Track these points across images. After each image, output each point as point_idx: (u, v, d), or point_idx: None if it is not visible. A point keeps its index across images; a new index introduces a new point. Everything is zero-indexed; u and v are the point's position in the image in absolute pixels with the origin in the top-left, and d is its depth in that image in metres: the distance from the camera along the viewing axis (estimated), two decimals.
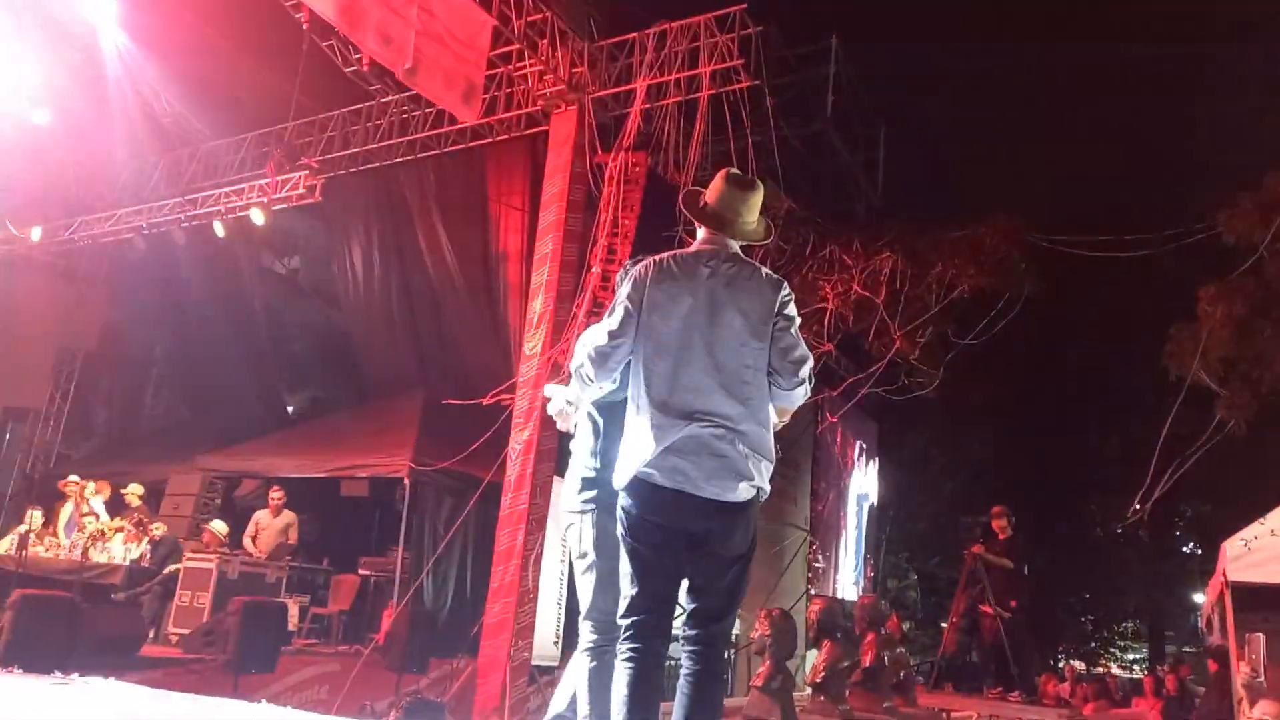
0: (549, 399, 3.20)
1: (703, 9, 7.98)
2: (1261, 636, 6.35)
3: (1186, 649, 20.19)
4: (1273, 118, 9.60)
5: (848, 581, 16.12)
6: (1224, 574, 6.89)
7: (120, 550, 8.85)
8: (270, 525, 9.27)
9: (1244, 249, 9.49)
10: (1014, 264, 9.67)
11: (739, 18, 7.76)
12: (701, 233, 2.88)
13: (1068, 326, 17.40)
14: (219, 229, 10.80)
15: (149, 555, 8.87)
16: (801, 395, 2.72)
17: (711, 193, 2.87)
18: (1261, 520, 7.08)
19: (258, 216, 10.25)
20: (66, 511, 9.54)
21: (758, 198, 2.87)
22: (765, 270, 2.80)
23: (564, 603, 9.22)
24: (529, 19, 8.09)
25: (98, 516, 9.41)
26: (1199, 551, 19.69)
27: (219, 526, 9.04)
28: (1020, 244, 9.60)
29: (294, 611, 8.82)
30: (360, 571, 9.62)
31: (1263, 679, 6.10)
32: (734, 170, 2.92)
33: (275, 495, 9.39)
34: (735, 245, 2.83)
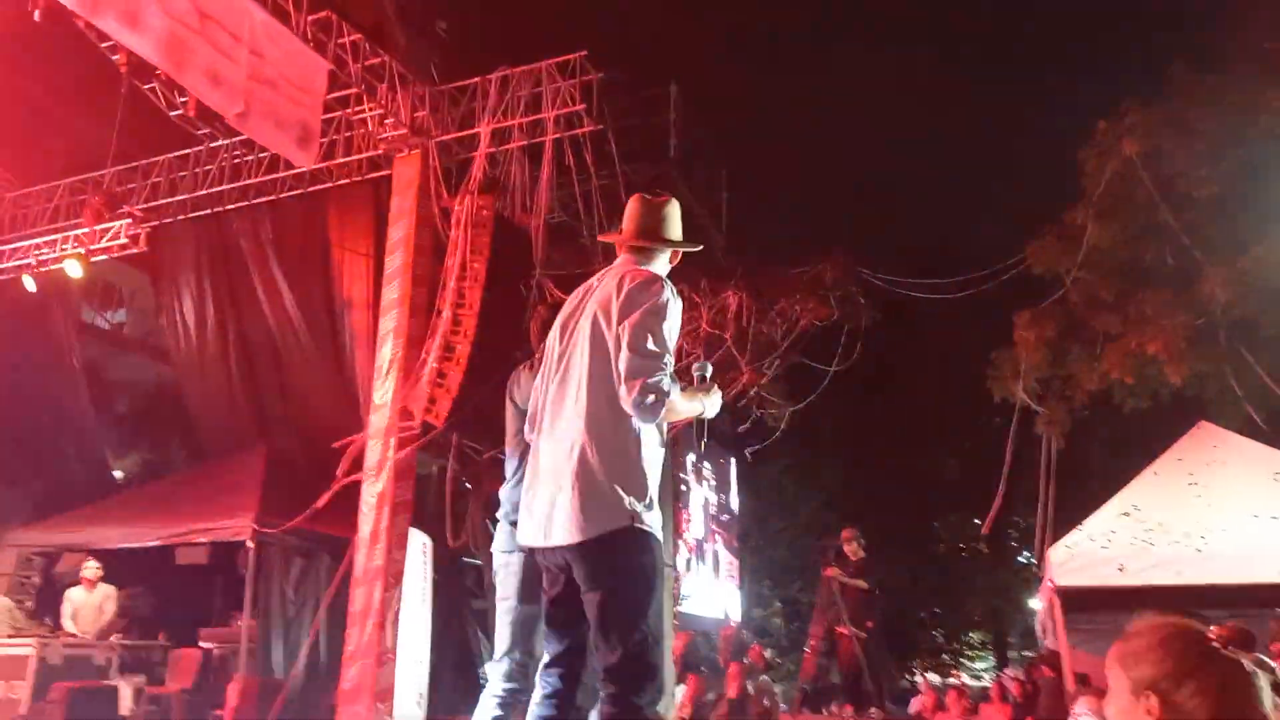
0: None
1: (544, 55, 8.08)
2: None
3: (1027, 653, 21.45)
4: (1070, 155, 10.57)
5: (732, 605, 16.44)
6: (1051, 580, 7.38)
7: None
8: (87, 602, 8.54)
9: (1050, 278, 10.39)
10: (852, 298, 10.21)
11: (579, 64, 7.90)
12: (667, 259, 2.86)
13: (904, 355, 18.43)
14: (29, 283, 9.99)
15: None
16: None
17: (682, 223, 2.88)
18: (1080, 527, 7.68)
19: (74, 268, 9.53)
20: None
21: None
22: None
23: (428, 660, 8.90)
24: (366, 62, 7.96)
25: None
26: (1032, 560, 21.05)
27: None
28: (856, 280, 10.15)
29: (127, 694, 8.13)
30: (201, 644, 9.00)
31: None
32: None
33: (90, 568, 8.66)
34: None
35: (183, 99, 8.03)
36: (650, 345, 2.43)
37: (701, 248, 2.99)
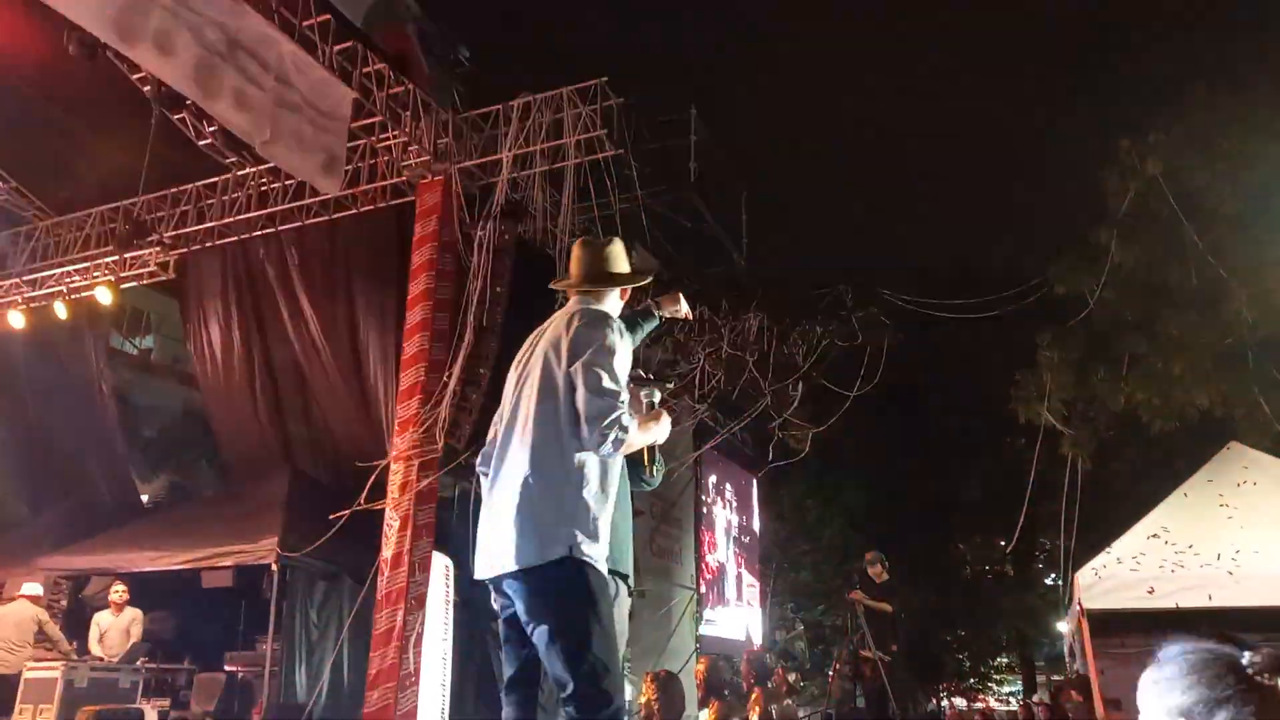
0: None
1: (565, 81, 8.17)
2: None
3: (1056, 677, 21.13)
4: (1091, 176, 10.56)
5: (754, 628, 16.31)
6: (1079, 603, 7.29)
7: None
8: (113, 625, 8.61)
9: (1074, 298, 10.33)
10: (873, 319, 10.18)
11: (600, 89, 7.99)
12: (616, 296, 2.96)
13: (926, 376, 18.35)
14: (61, 310, 10.16)
15: None
16: None
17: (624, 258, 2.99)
18: (1108, 549, 7.58)
19: (105, 296, 9.71)
20: None
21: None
22: None
23: (451, 683, 8.88)
24: (391, 91, 8.09)
25: None
26: (1059, 583, 20.78)
27: None
28: (878, 301, 10.13)
29: (152, 717, 8.17)
30: (226, 668, 9.03)
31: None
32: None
33: (117, 591, 8.73)
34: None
35: (211, 128, 8.18)
36: (606, 384, 2.51)
37: (651, 279, 3.11)
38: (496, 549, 2.58)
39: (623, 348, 2.64)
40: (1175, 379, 9.49)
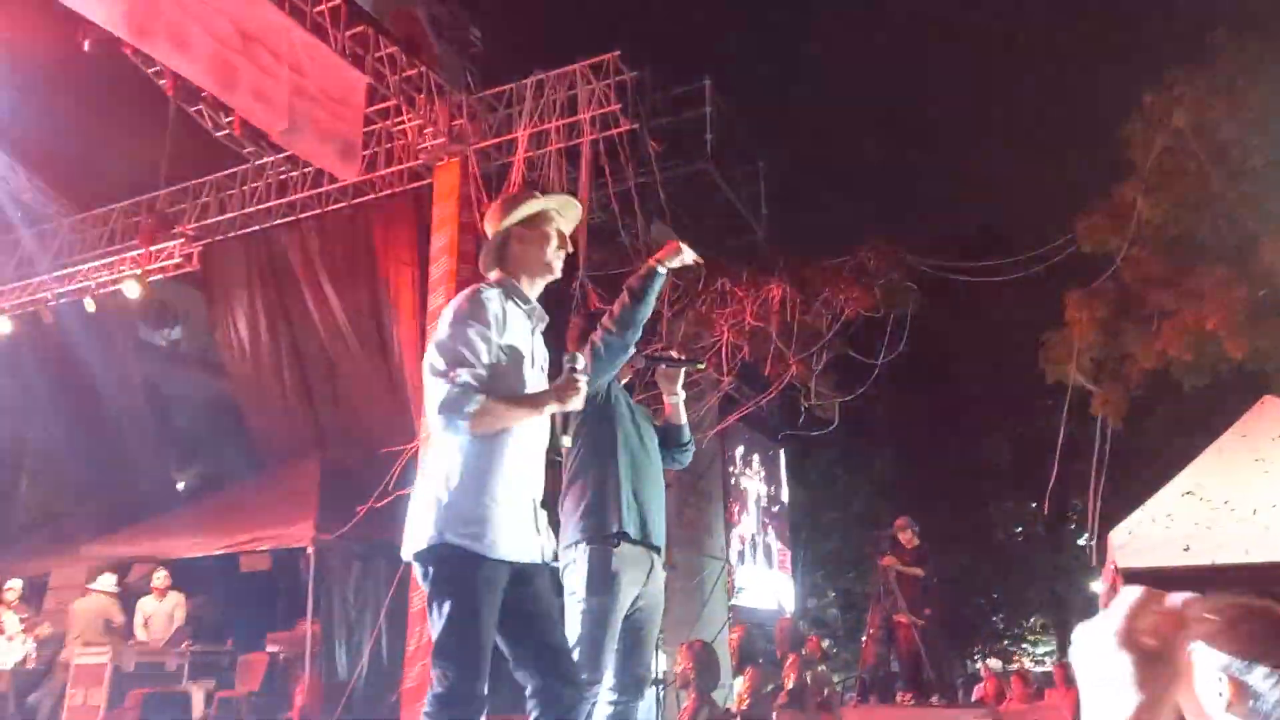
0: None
1: (578, 56, 8.12)
2: None
3: None
4: (1114, 131, 10.35)
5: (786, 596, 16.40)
6: (1113, 563, 7.25)
7: (2, 654, 8.26)
8: (158, 610, 8.80)
9: (1101, 256, 10.17)
10: (897, 284, 10.08)
11: (613, 64, 7.93)
12: (496, 263, 2.83)
13: (951, 340, 18.20)
14: (90, 305, 10.31)
15: (33, 656, 8.31)
16: None
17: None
18: (1141, 508, 7.52)
19: (132, 289, 9.84)
20: None
21: None
22: None
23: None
24: (404, 74, 8.09)
25: None
26: (1093, 542, 20.65)
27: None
28: (901, 266, 10.03)
29: (199, 698, 8.37)
30: (268, 649, 9.21)
31: None
32: None
33: (159, 577, 8.92)
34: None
35: (228, 119, 8.24)
36: (438, 365, 2.43)
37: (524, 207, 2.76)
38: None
39: (471, 315, 2.49)
40: (1207, 334, 9.34)
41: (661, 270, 3.06)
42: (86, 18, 6.26)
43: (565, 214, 2.77)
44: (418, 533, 2.46)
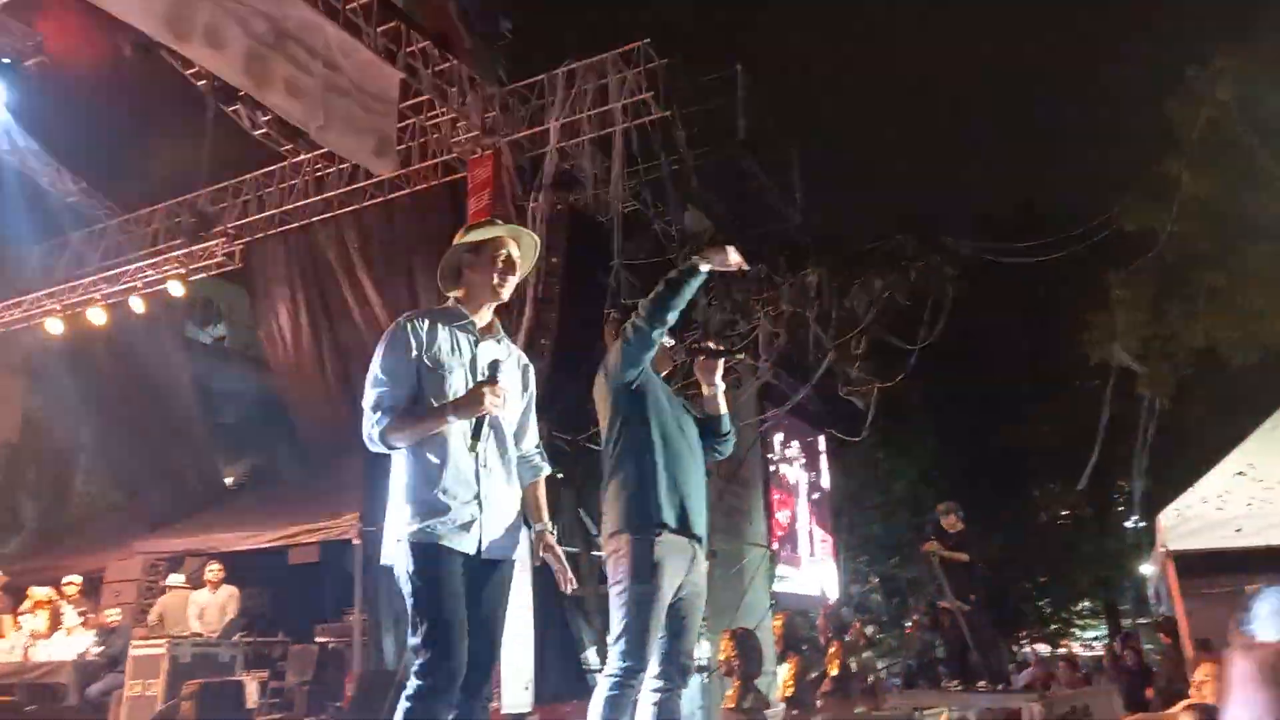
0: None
1: (607, 46, 8.11)
2: None
3: (1141, 621, 20.73)
4: (1156, 109, 10.11)
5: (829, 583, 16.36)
6: (1164, 545, 7.12)
7: (63, 647, 8.50)
8: (211, 603, 8.99)
9: (1144, 233, 9.96)
10: (935, 268, 9.95)
11: (643, 51, 7.91)
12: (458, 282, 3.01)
13: (991, 323, 17.94)
14: (137, 304, 10.53)
15: (94, 648, 8.54)
16: None
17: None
18: (1192, 489, 7.37)
19: (176, 288, 10.04)
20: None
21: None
22: None
23: (534, 647, 9.07)
24: (436, 68, 8.14)
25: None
26: (1141, 525, 20.30)
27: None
28: (939, 249, 9.89)
29: (252, 688, 8.54)
30: (317, 639, 9.37)
31: None
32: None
33: (212, 570, 9.12)
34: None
35: (265, 118, 8.35)
36: (363, 395, 2.75)
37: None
38: None
39: (392, 342, 2.75)
40: (1255, 311, 9.12)
41: (704, 269, 3.04)
42: (127, 25, 6.38)
43: (520, 243, 2.97)
44: (385, 542, 2.75)
